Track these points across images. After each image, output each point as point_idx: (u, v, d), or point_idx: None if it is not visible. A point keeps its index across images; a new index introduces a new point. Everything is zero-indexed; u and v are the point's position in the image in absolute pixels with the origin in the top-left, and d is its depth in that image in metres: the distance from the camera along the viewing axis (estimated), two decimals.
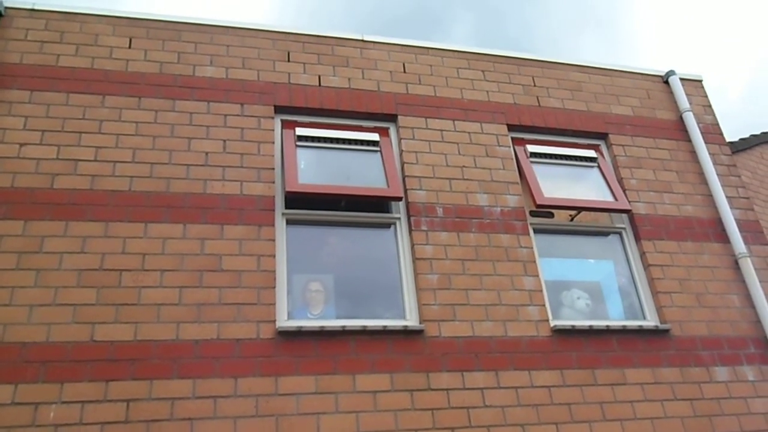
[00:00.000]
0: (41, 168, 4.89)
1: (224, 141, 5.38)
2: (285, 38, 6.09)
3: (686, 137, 6.89)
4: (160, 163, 5.14)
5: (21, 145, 4.94)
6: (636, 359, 5.40)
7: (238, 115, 5.53)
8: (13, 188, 4.78)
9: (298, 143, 5.64)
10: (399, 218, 5.61)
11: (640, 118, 6.87)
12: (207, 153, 5.29)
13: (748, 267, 6.09)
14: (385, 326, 4.97)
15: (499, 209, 5.78)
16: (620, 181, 6.37)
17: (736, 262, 6.17)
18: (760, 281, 6.02)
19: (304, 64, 6.00)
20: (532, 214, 6.07)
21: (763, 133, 10.29)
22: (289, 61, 5.97)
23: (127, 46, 5.60)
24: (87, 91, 5.28)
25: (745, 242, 6.24)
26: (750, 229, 6.44)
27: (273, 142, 5.53)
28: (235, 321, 4.70)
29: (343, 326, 4.89)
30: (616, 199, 6.16)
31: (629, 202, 6.20)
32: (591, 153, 6.49)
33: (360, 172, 5.75)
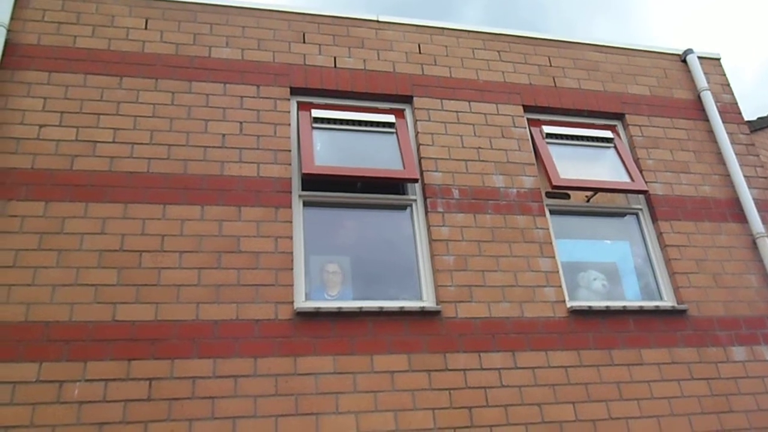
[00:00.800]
0: (60, 149, 4.93)
1: (241, 123, 5.39)
2: (300, 19, 6.07)
3: (704, 116, 6.83)
4: (177, 145, 5.16)
5: (41, 126, 4.97)
6: (653, 340, 5.41)
7: (254, 97, 5.53)
8: (33, 170, 4.81)
9: (314, 125, 5.64)
10: (415, 200, 5.61)
11: (657, 97, 6.81)
12: (224, 135, 5.30)
13: (765, 247, 6.06)
14: (402, 307, 4.99)
15: (515, 190, 5.77)
16: (637, 161, 6.34)
17: (754, 242, 6.13)
18: None
19: (319, 45, 5.98)
20: (548, 195, 6.06)
21: None
22: (304, 42, 5.96)
23: (144, 27, 5.60)
24: (104, 73, 5.30)
25: (763, 222, 6.21)
26: None
27: (289, 124, 5.54)
28: (254, 302, 4.74)
29: (360, 307, 4.91)
30: (632, 180, 6.13)
31: (646, 182, 6.17)
32: (607, 133, 6.45)
33: (376, 153, 5.75)
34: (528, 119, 6.26)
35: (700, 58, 7.17)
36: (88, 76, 5.25)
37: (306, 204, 5.37)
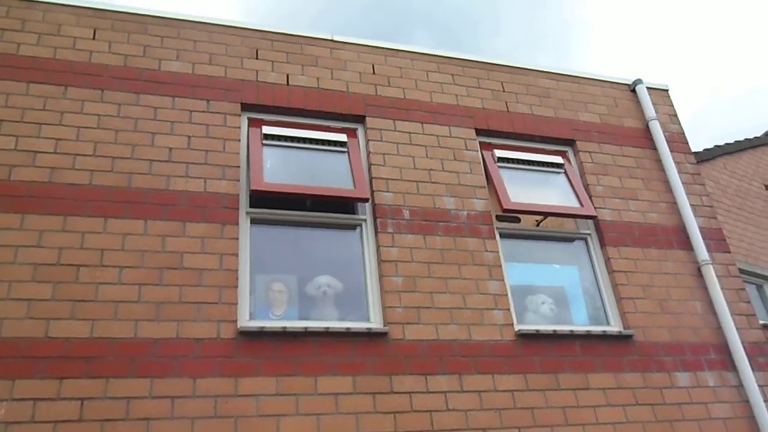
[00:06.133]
0: None
1: (189, 137, 5.29)
2: (254, 35, 6.02)
3: (652, 145, 6.96)
4: (122, 158, 5.03)
5: None
6: (599, 364, 5.42)
7: (203, 112, 5.44)
8: None
9: (265, 142, 5.57)
10: (365, 220, 5.56)
11: (607, 125, 6.92)
12: (171, 149, 5.19)
13: (710, 274, 6.16)
14: (348, 328, 4.92)
15: (465, 213, 5.77)
16: (586, 187, 6.41)
17: (699, 270, 6.23)
18: (721, 288, 6.09)
19: (272, 62, 5.93)
20: (499, 218, 6.08)
21: (727, 144, 10.48)
22: (257, 58, 5.90)
23: (91, 37, 5.47)
24: (48, 82, 5.14)
25: (708, 250, 6.32)
26: (713, 237, 6.52)
27: (239, 140, 5.46)
28: (196, 320, 4.61)
29: (306, 327, 4.82)
30: (582, 205, 6.19)
31: (595, 208, 6.24)
32: (558, 159, 6.52)
33: (327, 172, 5.70)
34: (480, 142, 6.29)
35: (648, 88, 7.33)
36: (32, 84, 5.09)
37: (254, 221, 5.27)
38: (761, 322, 6.88)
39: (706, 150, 10.11)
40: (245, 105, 5.65)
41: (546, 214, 6.30)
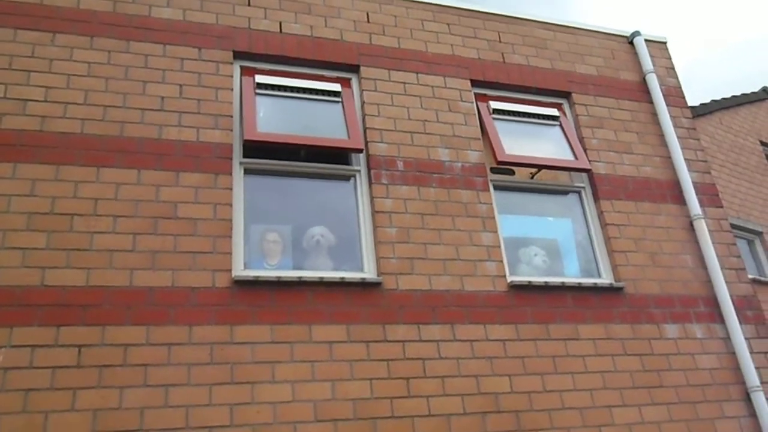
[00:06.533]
0: None
1: (181, 86, 5.22)
2: None
3: (648, 99, 6.91)
4: (113, 107, 4.97)
5: None
6: (589, 315, 5.49)
7: (195, 60, 5.36)
8: None
9: (258, 91, 5.51)
10: (359, 171, 5.55)
11: (604, 77, 6.87)
12: (162, 97, 5.13)
13: (702, 229, 6.20)
14: (342, 278, 4.96)
15: (460, 164, 5.75)
16: (581, 140, 6.39)
17: (691, 224, 6.27)
18: (713, 242, 6.13)
19: (265, 9, 5.82)
20: (493, 170, 6.07)
21: (723, 99, 10.44)
22: (249, 5, 5.78)
23: None
24: (36, 28, 5.04)
25: (701, 204, 6.34)
26: (706, 192, 6.54)
27: (231, 89, 5.40)
28: (191, 269, 4.63)
29: (300, 277, 4.86)
30: (576, 158, 6.19)
31: (589, 161, 6.24)
32: (553, 111, 6.49)
33: (321, 122, 5.66)
34: (475, 94, 6.24)
35: (646, 41, 7.24)
36: (19, 31, 4.99)
37: (247, 171, 5.25)
38: (750, 276, 6.98)
39: (702, 104, 10.07)
40: (237, 53, 5.56)
41: (540, 167, 6.29)
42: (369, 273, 5.14)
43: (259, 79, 5.54)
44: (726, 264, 6.15)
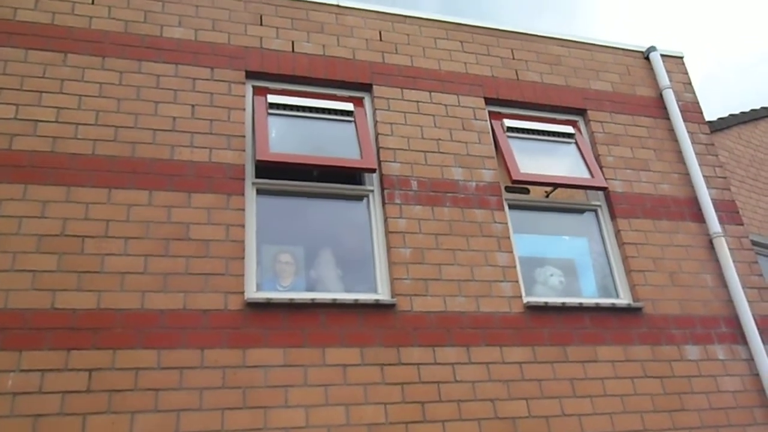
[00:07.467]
0: None
1: (193, 106, 5.19)
2: (257, 0, 5.87)
3: (665, 115, 6.82)
4: (125, 127, 4.94)
5: None
6: (608, 337, 5.38)
7: (207, 80, 5.34)
8: None
9: (270, 111, 5.47)
10: (372, 190, 5.48)
11: (619, 94, 6.79)
12: (174, 118, 5.10)
13: (722, 247, 6.08)
14: (356, 300, 4.87)
15: (474, 184, 5.68)
16: (597, 157, 6.30)
17: (711, 242, 6.15)
18: (733, 261, 6.01)
19: (277, 28, 5.80)
20: (508, 189, 5.99)
21: (742, 113, 10.30)
22: (261, 24, 5.77)
23: (90, 2, 5.33)
24: (47, 48, 5.03)
25: (720, 222, 6.23)
26: (725, 209, 6.42)
27: (244, 109, 5.36)
28: (203, 291, 4.57)
29: (313, 299, 4.78)
30: (592, 176, 6.10)
31: (606, 179, 6.14)
32: (569, 129, 6.41)
33: (333, 142, 5.61)
34: (489, 112, 6.17)
35: (663, 56, 7.17)
36: (30, 51, 4.98)
37: (259, 192, 5.20)
38: None
39: (720, 119, 9.93)
40: (250, 73, 5.53)
41: (556, 185, 6.21)
42: (383, 294, 5.06)
43: (272, 98, 5.50)
44: (747, 283, 6.02)
